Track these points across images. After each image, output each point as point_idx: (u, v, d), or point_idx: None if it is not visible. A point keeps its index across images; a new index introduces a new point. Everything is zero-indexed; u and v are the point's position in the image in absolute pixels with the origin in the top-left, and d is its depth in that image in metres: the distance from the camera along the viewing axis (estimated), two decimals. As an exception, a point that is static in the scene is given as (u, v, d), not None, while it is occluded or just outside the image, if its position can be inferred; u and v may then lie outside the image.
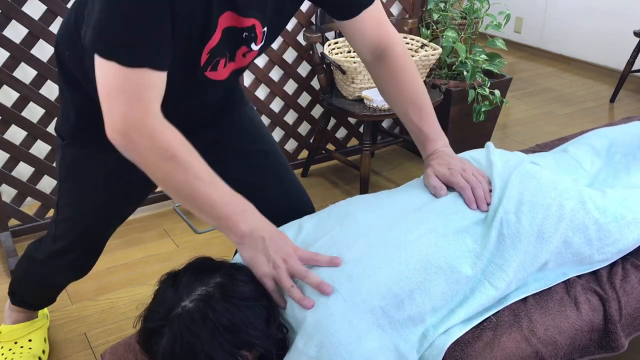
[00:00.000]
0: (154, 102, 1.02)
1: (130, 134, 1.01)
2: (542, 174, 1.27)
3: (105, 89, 1.00)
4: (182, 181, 1.04)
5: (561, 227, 1.20)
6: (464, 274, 1.11)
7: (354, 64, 2.43)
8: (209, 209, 1.06)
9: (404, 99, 1.32)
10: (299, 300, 1.04)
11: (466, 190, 1.22)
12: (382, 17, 1.29)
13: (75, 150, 1.31)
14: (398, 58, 1.30)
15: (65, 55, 1.20)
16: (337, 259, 1.08)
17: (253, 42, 1.15)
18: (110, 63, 0.98)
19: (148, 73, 0.99)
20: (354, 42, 1.30)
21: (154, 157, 1.02)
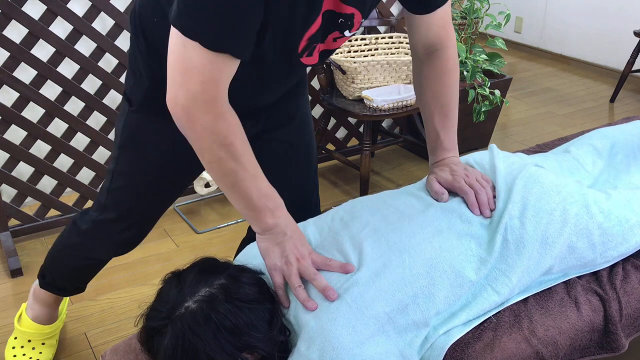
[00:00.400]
0: (226, 87, 1.02)
1: (194, 113, 1.01)
2: (546, 178, 1.27)
3: (180, 63, 0.99)
4: (229, 169, 1.06)
5: (565, 232, 1.20)
6: (467, 279, 1.11)
7: (354, 64, 2.43)
8: (246, 199, 1.09)
9: (436, 101, 1.31)
10: (303, 301, 1.04)
11: (469, 195, 1.23)
12: (448, 19, 1.28)
13: (143, 117, 1.29)
14: (448, 61, 1.30)
15: (153, 21, 1.18)
16: (350, 265, 1.09)
17: (347, 30, 1.14)
18: (192, 42, 0.96)
19: (228, 59, 0.99)
20: (416, 33, 1.29)
21: (209, 140, 1.03)
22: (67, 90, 2.25)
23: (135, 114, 1.29)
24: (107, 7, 2.21)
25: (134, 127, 1.31)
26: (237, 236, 1.73)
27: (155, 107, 1.26)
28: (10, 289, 2.10)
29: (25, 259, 2.24)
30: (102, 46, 2.25)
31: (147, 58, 1.23)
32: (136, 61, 1.25)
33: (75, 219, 1.50)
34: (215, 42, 0.96)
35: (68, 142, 2.32)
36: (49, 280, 1.59)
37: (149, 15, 1.19)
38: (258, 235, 1.13)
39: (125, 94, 1.31)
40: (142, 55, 1.23)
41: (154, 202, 1.42)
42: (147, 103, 1.27)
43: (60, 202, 2.39)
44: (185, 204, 2.63)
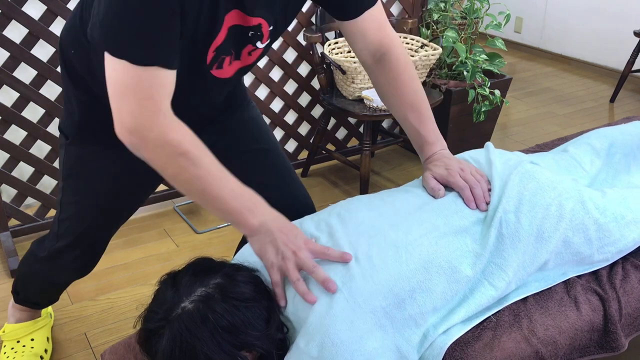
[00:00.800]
0: (165, 100, 1.02)
1: (141, 131, 1.01)
2: (541, 174, 1.27)
3: (116, 87, 1.00)
4: (193, 177, 1.05)
5: (561, 227, 1.20)
6: (464, 274, 1.11)
7: (354, 64, 2.43)
8: (220, 204, 1.08)
9: (403, 102, 1.32)
10: (303, 294, 1.04)
11: (465, 190, 1.23)
12: (383, 19, 1.29)
13: (79, 148, 1.31)
14: (398, 61, 1.30)
15: (70, 53, 1.20)
16: (348, 254, 1.08)
17: (259, 41, 1.15)
18: (120, 61, 0.98)
19: (158, 71, 1.00)
20: (354, 43, 1.30)
21: (165, 154, 1.03)
22: (67, 90, 2.25)
23: (72, 146, 1.31)
24: (107, 7, 2.21)
25: (72, 159, 1.33)
26: (236, 236, 1.73)
27: (89, 138, 1.28)
28: (10, 289, 2.10)
29: (25, 259, 2.25)
30: (102, 46, 2.25)
31: (75, 90, 1.24)
32: (67, 94, 1.28)
33: (33, 247, 1.54)
34: (142, 56, 0.98)
35: (68, 142, 2.32)
36: (22, 297, 1.64)
37: (68, 49, 1.21)
38: (249, 238, 1.12)
39: (59, 128, 1.33)
40: (70, 88, 1.25)
41: (105, 225, 1.44)
42: (81, 134, 1.29)
43: (60, 202, 2.39)
44: (185, 204, 2.63)
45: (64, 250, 1.44)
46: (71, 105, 1.27)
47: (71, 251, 1.44)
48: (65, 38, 1.22)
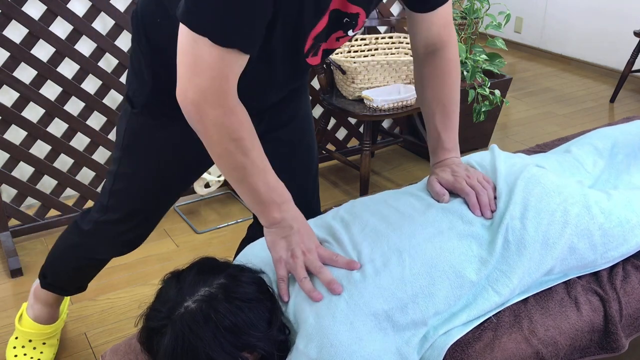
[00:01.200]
0: (235, 81, 1.02)
1: (204, 107, 1.01)
2: (547, 179, 1.26)
3: (190, 59, 0.99)
4: (238, 164, 1.06)
5: (566, 233, 1.20)
6: (468, 279, 1.11)
7: (354, 64, 2.43)
8: (254, 193, 1.10)
9: (438, 101, 1.31)
10: (308, 292, 1.05)
11: (470, 196, 1.23)
12: (450, 18, 1.28)
13: (146, 118, 1.29)
14: (450, 61, 1.30)
15: (155, 22, 1.18)
16: (355, 262, 1.09)
17: (351, 29, 1.15)
18: (202, 38, 0.97)
19: (237, 55, 0.99)
20: (416, 32, 1.29)
21: (219, 134, 1.03)
22: (67, 90, 2.25)
23: (138, 116, 1.29)
24: (107, 7, 2.21)
25: (137, 129, 1.31)
26: (237, 236, 1.74)
27: (158, 110, 1.26)
28: (10, 289, 2.10)
29: (25, 259, 2.24)
30: (102, 46, 2.25)
31: (150, 60, 1.23)
32: (139, 63, 1.25)
33: (77, 219, 1.50)
34: (224, 38, 0.97)
35: (68, 142, 2.32)
36: (50, 280, 1.59)
37: (152, 17, 1.19)
38: (265, 228, 1.14)
39: (127, 95, 1.31)
40: (145, 57, 1.23)
41: (157, 203, 1.42)
42: (150, 105, 1.27)
43: (60, 202, 2.39)
44: (185, 204, 2.63)
45: (113, 223, 1.41)
46: (142, 74, 1.25)
47: (120, 225, 1.41)
48: (149, 5, 1.20)
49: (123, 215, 1.40)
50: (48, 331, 1.70)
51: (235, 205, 2.64)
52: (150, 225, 1.46)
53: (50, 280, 1.59)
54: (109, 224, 1.42)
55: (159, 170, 1.35)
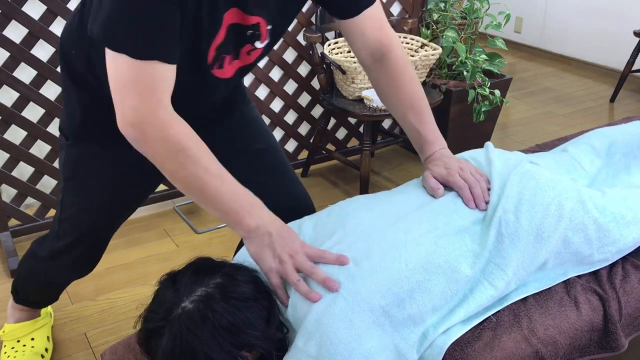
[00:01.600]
0: (165, 94, 1.02)
1: (142, 125, 1.01)
2: (541, 174, 1.27)
3: (117, 82, 1.01)
4: (192, 174, 1.05)
5: (560, 227, 1.20)
6: (463, 274, 1.11)
7: (354, 64, 2.43)
8: (218, 203, 1.08)
9: (403, 102, 1.32)
10: (305, 294, 1.04)
11: (464, 189, 1.23)
12: (382, 19, 1.29)
13: (80, 149, 1.31)
14: (398, 61, 1.30)
15: (72, 54, 1.21)
16: (344, 257, 1.08)
17: (257, 40, 1.15)
18: (121, 56, 0.98)
19: (159, 65, 1.00)
20: (353, 42, 1.30)
21: (164, 150, 1.03)
22: (67, 90, 2.25)
23: (73, 147, 1.31)
24: (107, 7, 2.21)
25: (73, 160, 1.33)
26: (236, 236, 1.74)
27: (90, 138, 1.28)
28: (10, 289, 2.10)
29: (25, 259, 2.24)
30: (102, 46, 2.25)
31: (76, 90, 1.25)
32: (68, 95, 1.28)
33: (33, 247, 1.54)
34: (142, 50, 0.98)
35: (68, 142, 2.32)
36: (22, 297, 1.65)
37: (69, 49, 1.22)
38: (245, 239, 1.12)
39: (60, 129, 1.33)
40: (71, 89, 1.25)
41: (105, 225, 1.45)
42: (82, 134, 1.29)
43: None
44: (185, 204, 2.63)
45: (65, 249, 1.44)
46: (72, 106, 1.27)
47: (71, 251, 1.45)
48: (66, 38, 1.23)
49: (73, 240, 1.43)
50: (34, 327, 1.72)
51: (235, 205, 2.64)
52: (101, 248, 1.50)
53: (22, 296, 1.64)
54: (61, 250, 1.45)
55: (101, 196, 1.36)
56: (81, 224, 1.41)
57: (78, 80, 1.23)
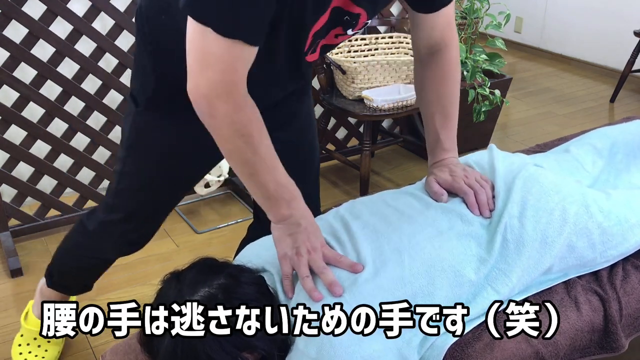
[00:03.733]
0: (244, 75, 1.02)
1: (215, 101, 1.01)
2: (545, 178, 1.26)
3: (199, 53, 1.00)
4: (247, 160, 1.07)
5: (565, 232, 1.20)
6: (467, 279, 1.11)
7: (354, 64, 2.43)
8: (263, 189, 1.10)
9: (438, 102, 1.31)
10: (309, 291, 1.04)
11: (469, 195, 1.23)
12: (452, 19, 1.28)
13: (150, 117, 1.29)
14: (451, 61, 1.30)
15: (160, 20, 1.18)
16: (359, 265, 1.08)
17: (350, 28, 1.15)
18: (206, 29, 0.97)
19: (243, 47, 0.99)
20: (419, 32, 1.28)
21: (229, 129, 1.04)
22: (67, 90, 2.25)
23: (142, 115, 1.29)
24: (107, 7, 2.21)
25: (140, 128, 1.31)
26: (237, 236, 1.73)
27: (162, 107, 1.26)
28: (10, 289, 2.10)
29: (25, 259, 2.24)
30: (102, 46, 2.25)
31: (154, 58, 1.23)
32: (142, 61, 1.25)
33: (82, 219, 1.50)
34: (230, 29, 0.97)
35: (68, 142, 2.32)
36: (56, 279, 1.60)
37: (156, 14, 1.19)
38: (273, 224, 1.14)
39: (131, 94, 1.31)
40: (149, 55, 1.23)
41: (162, 201, 1.42)
42: (154, 103, 1.27)
43: (60, 202, 2.39)
44: (185, 204, 2.63)
45: (118, 222, 1.41)
46: (146, 72, 1.25)
47: (125, 224, 1.42)
48: (151, 4, 1.20)
49: (127, 214, 1.40)
50: None
51: (235, 205, 2.64)
52: (155, 225, 1.47)
53: (57, 279, 1.60)
54: (114, 224, 1.42)
55: (163, 169, 1.35)
56: (138, 196, 1.38)
57: (161, 48, 1.21)
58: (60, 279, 1.60)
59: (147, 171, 1.35)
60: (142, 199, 1.39)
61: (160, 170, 1.35)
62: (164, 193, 1.40)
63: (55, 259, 1.59)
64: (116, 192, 1.39)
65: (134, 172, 1.36)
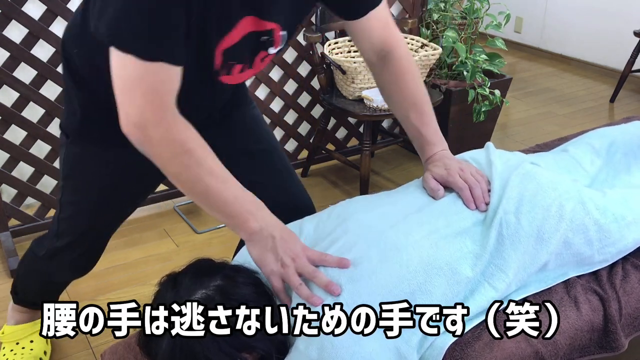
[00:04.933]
0: (171, 95, 1.02)
1: (146, 126, 1.01)
2: (542, 175, 1.27)
3: (122, 82, 1.00)
4: (195, 176, 1.04)
5: (561, 228, 1.20)
6: (464, 275, 1.11)
7: (354, 64, 2.43)
8: (222, 206, 1.07)
9: (406, 101, 1.31)
10: (307, 298, 1.04)
11: (464, 190, 1.22)
12: (388, 19, 1.29)
13: (80, 147, 1.30)
14: (401, 60, 1.30)
15: (74, 53, 1.20)
16: (346, 260, 1.08)
17: (271, 46, 1.15)
18: (127, 56, 0.97)
19: (165, 67, 0.99)
20: (359, 42, 1.30)
21: (168, 151, 1.03)
22: (67, 90, 2.25)
23: (72, 146, 1.30)
24: (107, 7, 2.21)
25: (73, 158, 1.32)
26: (236, 236, 1.73)
27: (90, 137, 1.28)
28: (10, 289, 2.10)
29: (25, 259, 2.24)
30: (102, 46, 2.25)
31: (77, 89, 1.24)
32: (68, 93, 1.27)
33: (32, 246, 1.54)
34: (149, 51, 0.98)
35: (68, 142, 2.32)
36: (21, 297, 1.65)
37: (70, 48, 1.21)
38: (247, 242, 1.11)
39: (60, 125, 1.32)
40: (72, 88, 1.25)
41: (105, 225, 1.44)
42: (82, 134, 1.28)
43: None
44: (185, 204, 2.63)
45: (64, 249, 1.44)
46: (72, 105, 1.27)
47: (71, 250, 1.44)
48: (68, 37, 1.22)
49: (72, 240, 1.42)
50: (34, 329, 1.71)
51: (235, 205, 2.64)
52: (100, 248, 1.49)
53: (21, 297, 1.64)
54: (60, 250, 1.44)
55: (101, 195, 1.36)
56: (80, 223, 1.41)
57: (79, 80, 1.22)
58: (24, 297, 1.64)
59: (86, 199, 1.37)
60: (85, 225, 1.41)
61: (99, 197, 1.36)
62: (106, 218, 1.42)
63: (16, 280, 1.63)
64: (59, 221, 1.41)
65: (74, 201, 1.38)
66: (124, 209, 1.45)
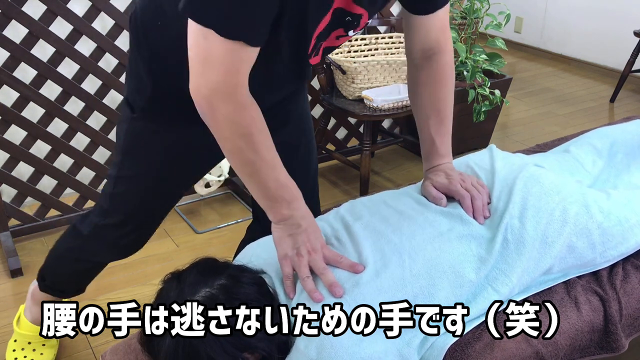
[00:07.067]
0: (245, 75, 1.03)
1: (217, 102, 1.01)
2: (546, 178, 1.26)
3: (199, 54, 1.00)
4: (248, 160, 1.07)
5: (565, 232, 1.20)
6: (467, 279, 1.11)
7: (354, 64, 2.43)
8: (263, 189, 1.10)
9: (433, 106, 1.30)
10: (310, 291, 1.05)
11: (466, 199, 1.23)
12: (447, 22, 1.28)
13: (146, 123, 1.28)
14: (445, 66, 1.29)
15: (156, 25, 1.18)
16: (359, 265, 1.09)
17: (352, 29, 1.15)
18: (209, 31, 0.97)
19: (245, 48, 0.99)
20: (413, 36, 1.27)
21: (230, 130, 1.04)
22: (67, 90, 2.25)
23: (138, 121, 1.29)
24: (107, 7, 2.21)
25: (136, 134, 1.31)
26: (236, 236, 1.73)
27: (158, 115, 1.26)
28: (10, 289, 2.10)
29: (25, 259, 2.24)
30: (102, 46, 2.25)
31: (150, 63, 1.22)
32: (137, 67, 1.25)
33: (76, 223, 1.50)
34: (232, 31, 0.97)
35: (68, 142, 2.32)
36: (49, 283, 1.59)
37: (152, 20, 1.19)
38: (273, 224, 1.14)
39: (126, 99, 1.30)
40: (144, 61, 1.22)
41: (157, 206, 1.42)
42: (150, 110, 1.26)
43: (60, 202, 2.39)
44: (185, 204, 2.63)
45: (113, 227, 1.41)
46: (142, 79, 1.24)
47: (119, 228, 1.41)
48: (146, 9, 1.19)
49: (123, 218, 1.39)
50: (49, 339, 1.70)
51: (235, 205, 2.64)
52: (150, 230, 1.46)
53: (49, 282, 1.59)
54: (108, 228, 1.41)
55: (159, 173, 1.34)
56: (133, 201, 1.38)
57: (158, 53, 1.20)
58: (52, 282, 1.59)
59: (144, 175, 1.35)
60: (138, 203, 1.38)
61: (158, 174, 1.35)
62: (162, 196, 1.40)
63: (48, 262, 1.58)
64: (112, 197, 1.38)
65: (131, 177, 1.35)
66: (180, 188, 1.43)
